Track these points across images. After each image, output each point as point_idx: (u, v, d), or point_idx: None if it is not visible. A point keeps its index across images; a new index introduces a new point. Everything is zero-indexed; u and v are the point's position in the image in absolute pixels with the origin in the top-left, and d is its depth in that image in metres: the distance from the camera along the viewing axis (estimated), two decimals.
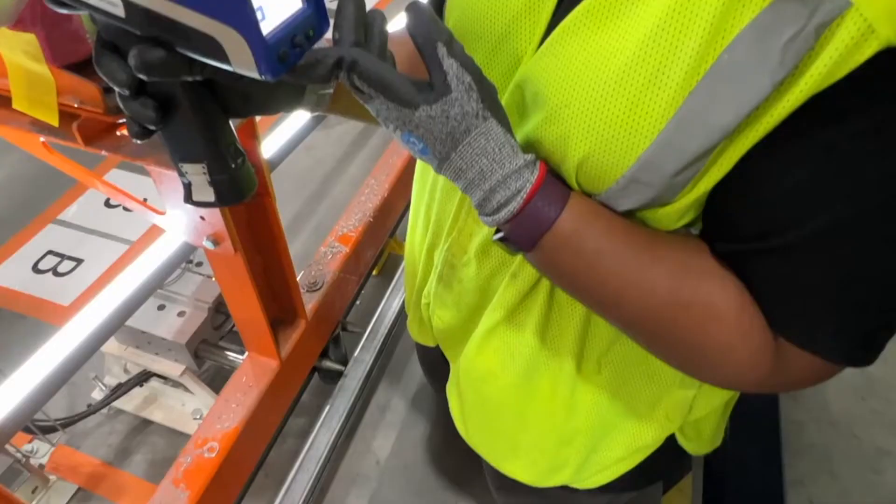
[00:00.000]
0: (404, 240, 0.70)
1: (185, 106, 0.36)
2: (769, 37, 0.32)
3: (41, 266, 1.89)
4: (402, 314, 1.41)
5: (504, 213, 0.41)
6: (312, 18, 0.34)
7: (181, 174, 0.39)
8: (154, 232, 1.21)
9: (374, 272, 1.75)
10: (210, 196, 0.40)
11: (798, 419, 1.48)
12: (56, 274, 1.86)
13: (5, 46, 0.52)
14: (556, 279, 0.47)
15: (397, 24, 1.65)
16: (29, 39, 0.50)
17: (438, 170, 0.41)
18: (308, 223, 2.01)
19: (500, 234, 0.45)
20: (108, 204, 1.97)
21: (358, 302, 1.36)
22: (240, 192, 0.40)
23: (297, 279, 0.93)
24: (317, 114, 0.61)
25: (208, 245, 0.67)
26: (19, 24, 0.48)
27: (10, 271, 1.86)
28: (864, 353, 0.39)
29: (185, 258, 1.06)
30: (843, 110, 0.33)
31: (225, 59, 0.30)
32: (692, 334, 0.42)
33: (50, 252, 1.93)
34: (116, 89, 0.33)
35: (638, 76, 0.37)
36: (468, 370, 0.65)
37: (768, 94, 0.33)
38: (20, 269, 1.87)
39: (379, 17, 0.39)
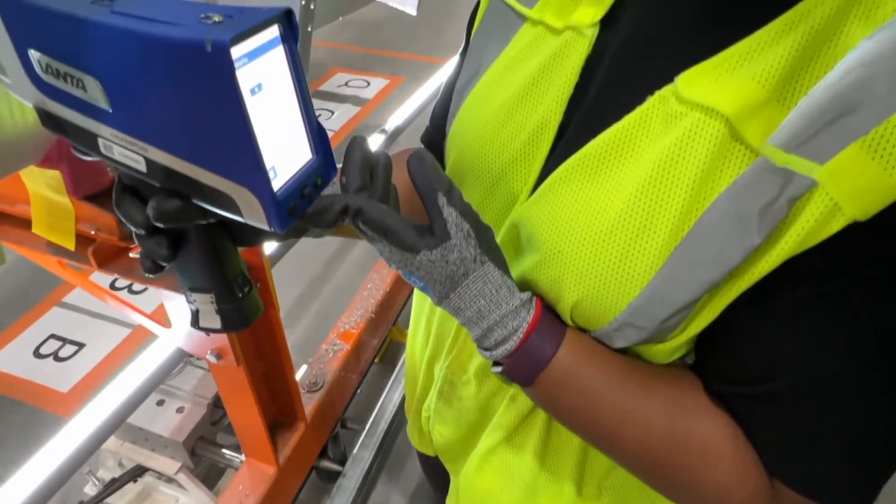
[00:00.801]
0: (406, 326, 0.70)
1: (196, 242, 0.38)
2: (746, 202, 0.35)
3: (42, 350, 1.90)
4: (402, 408, 1.40)
5: (501, 351, 0.42)
6: (321, 167, 0.36)
7: (189, 301, 0.40)
8: (156, 317, 1.22)
9: (375, 360, 1.75)
10: (217, 323, 0.41)
11: None
12: (57, 359, 1.87)
13: (31, 180, 0.55)
14: (553, 414, 0.47)
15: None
16: (54, 175, 0.53)
17: (438, 305, 0.43)
18: (310, 307, 2.02)
19: (499, 368, 0.46)
20: (113, 286, 2.00)
21: (359, 390, 1.35)
22: (246, 319, 0.42)
23: (298, 379, 0.93)
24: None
25: (212, 359, 0.68)
26: (45, 161, 0.52)
27: (11, 355, 1.87)
28: (860, 499, 0.39)
29: (186, 354, 1.06)
30: (817, 273, 0.35)
31: (237, 212, 0.32)
32: (689, 473, 0.42)
33: (52, 336, 1.95)
34: (133, 229, 0.35)
35: (627, 230, 0.39)
36: (468, 488, 0.65)
37: (747, 256, 0.35)
38: (22, 354, 1.88)
39: (383, 158, 0.42)
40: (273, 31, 0.30)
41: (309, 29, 0.63)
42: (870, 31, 0.33)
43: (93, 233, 0.59)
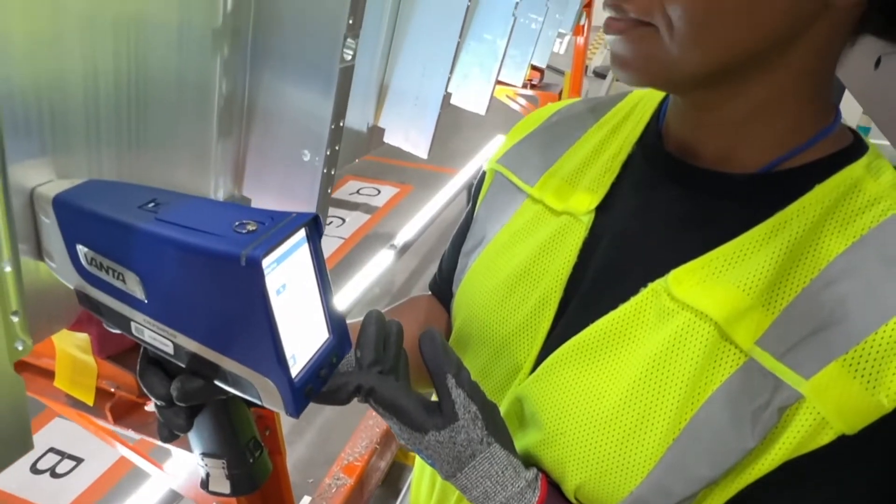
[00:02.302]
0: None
1: (212, 412, 0.40)
2: (739, 403, 0.37)
3: (40, 466, 1.86)
4: None
5: None
6: (336, 346, 0.37)
7: (200, 464, 0.42)
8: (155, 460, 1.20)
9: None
10: (226, 488, 0.42)
11: None
12: (53, 475, 1.82)
13: (59, 339, 0.59)
14: None
15: None
16: (83, 338, 0.56)
17: (445, 480, 0.44)
18: (314, 423, 1.99)
19: None
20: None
21: None
22: (254, 484, 0.43)
23: None
24: None
25: None
26: (77, 324, 0.55)
27: (8, 470, 1.81)
28: None
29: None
30: (813, 478, 0.36)
31: (256, 396, 0.34)
32: None
33: (51, 450, 1.91)
34: (153, 400, 0.37)
35: (626, 418, 0.41)
36: None
37: (742, 457, 0.37)
38: (18, 469, 1.83)
39: (395, 328, 0.44)
40: (300, 234, 0.33)
41: (329, 191, 0.67)
42: (845, 244, 0.37)
43: (112, 389, 0.61)
